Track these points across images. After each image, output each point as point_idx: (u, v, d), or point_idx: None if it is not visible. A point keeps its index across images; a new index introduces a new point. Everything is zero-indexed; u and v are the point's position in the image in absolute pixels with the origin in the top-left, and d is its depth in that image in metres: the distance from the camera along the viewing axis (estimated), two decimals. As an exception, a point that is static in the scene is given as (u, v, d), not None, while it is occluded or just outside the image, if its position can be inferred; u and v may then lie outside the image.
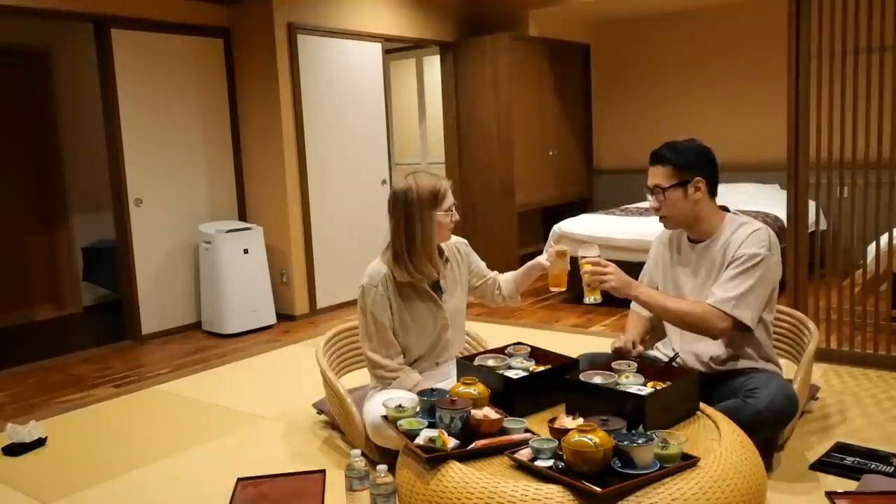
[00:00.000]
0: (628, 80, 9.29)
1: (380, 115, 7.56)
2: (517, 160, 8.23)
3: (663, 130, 8.82)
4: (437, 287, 3.41)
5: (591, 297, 3.14)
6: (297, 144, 6.78)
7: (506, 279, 3.64)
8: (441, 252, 3.45)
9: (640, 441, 2.37)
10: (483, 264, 3.67)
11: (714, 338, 3.15)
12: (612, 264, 3.13)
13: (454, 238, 3.55)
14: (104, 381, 5.30)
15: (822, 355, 4.83)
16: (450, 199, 3.32)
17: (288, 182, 6.75)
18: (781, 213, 5.56)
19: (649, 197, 3.25)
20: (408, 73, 9.94)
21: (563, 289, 3.37)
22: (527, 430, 2.69)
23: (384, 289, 3.33)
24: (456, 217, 3.35)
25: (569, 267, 3.34)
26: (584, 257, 3.13)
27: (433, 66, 9.29)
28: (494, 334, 4.35)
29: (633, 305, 3.56)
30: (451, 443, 2.59)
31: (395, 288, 3.35)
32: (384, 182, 7.59)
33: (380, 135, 7.57)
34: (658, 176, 3.19)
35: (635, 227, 6.60)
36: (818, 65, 4.70)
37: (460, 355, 3.59)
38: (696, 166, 3.19)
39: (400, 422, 2.78)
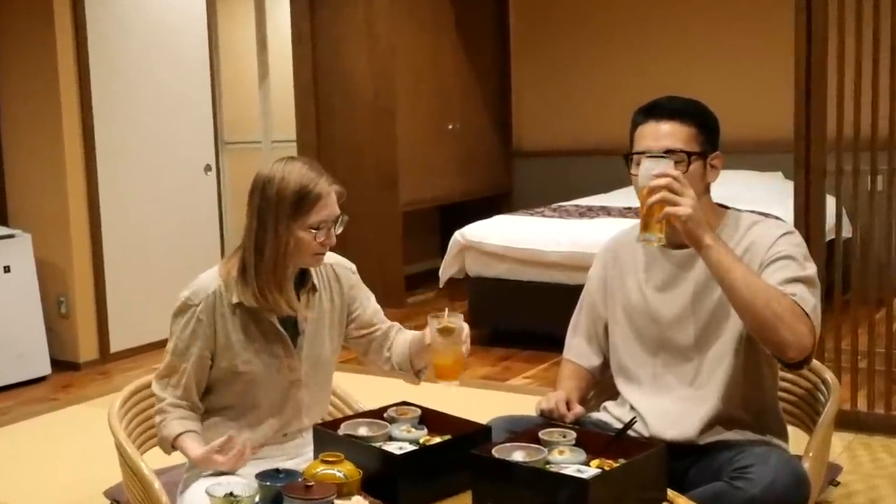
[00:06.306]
0: (563, 28, 9.41)
1: (203, 74, 7.67)
2: (402, 138, 8.31)
3: (613, 99, 8.85)
4: (292, 325, 3.33)
5: (647, 234, 2.89)
6: (81, 118, 6.81)
7: (402, 341, 3.50)
8: (306, 280, 3.36)
9: (582, 547, 2.33)
10: (376, 307, 3.56)
11: (782, 356, 2.95)
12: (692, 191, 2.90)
13: (335, 258, 3.46)
14: None
15: (846, 420, 4.78)
16: (326, 212, 3.17)
17: (69, 172, 6.77)
18: (787, 214, 5.59)
19: (633, 170, 3.13)
20: (243, 14, 9.93)
21: (456, 381, 3.20)
22: (416, 532, 2.64)
23: (210, 313, 3.22)
24: (332, 241, 3.22)
25: (463, 350, 3.13)
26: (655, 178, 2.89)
27: (280, 4, 9.25)
28: (369, 390, 4.27)
29: (569, 350, 3.53)
30: (306, 550, 2.56)
31: (231, 315, 3.25)
32: (208, 169, 7.69)
33: (203, 102, 7.69)
34: (677, 137, 3.09)
35: (575, 233, 6.63)
36: (839, 4, 4.73)
37: (321, 422, 3.51)
38: (717, 136, 3.18)
39: (231, 519, 2.74)
